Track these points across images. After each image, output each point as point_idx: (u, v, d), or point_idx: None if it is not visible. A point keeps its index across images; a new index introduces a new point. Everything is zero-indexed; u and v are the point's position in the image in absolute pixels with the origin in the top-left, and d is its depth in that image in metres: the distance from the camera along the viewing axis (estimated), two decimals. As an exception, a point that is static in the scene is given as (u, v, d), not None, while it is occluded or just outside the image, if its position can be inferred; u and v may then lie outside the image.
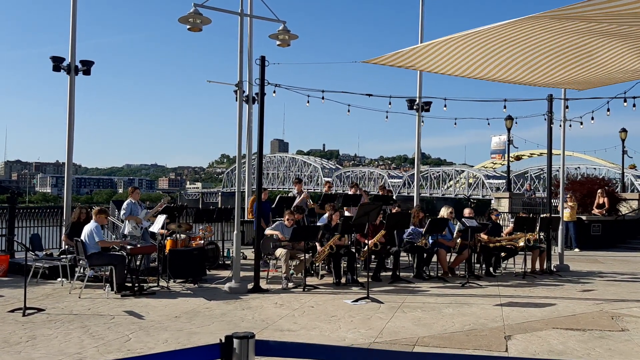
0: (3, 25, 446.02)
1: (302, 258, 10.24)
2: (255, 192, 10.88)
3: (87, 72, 12.81)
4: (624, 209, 20.20)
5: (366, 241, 10.76)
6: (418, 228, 11.47)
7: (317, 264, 11.07)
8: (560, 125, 13.04)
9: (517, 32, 7.19)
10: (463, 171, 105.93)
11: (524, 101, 13.06)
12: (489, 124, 15.41)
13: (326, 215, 11.66)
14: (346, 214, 12.44)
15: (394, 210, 12.29)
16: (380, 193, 14.97)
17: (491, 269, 11.85)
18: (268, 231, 10.69)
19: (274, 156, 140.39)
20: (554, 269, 12.38)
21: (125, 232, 11.08)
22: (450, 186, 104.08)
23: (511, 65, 8.33)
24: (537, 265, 12.21)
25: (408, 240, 11.34)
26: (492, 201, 26.76)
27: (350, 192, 13.73)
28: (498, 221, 12.77)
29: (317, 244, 10.69)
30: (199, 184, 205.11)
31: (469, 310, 8.32)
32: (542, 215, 13.21)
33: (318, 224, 11.54)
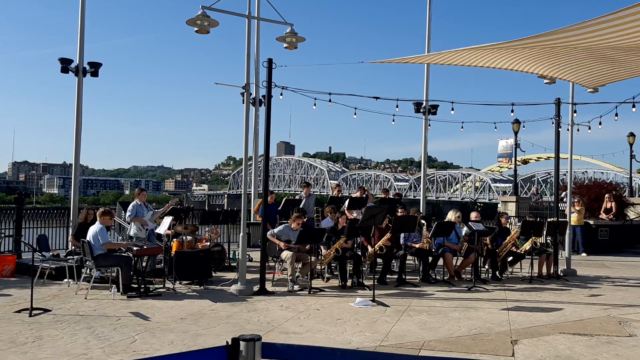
0: (11, 26, 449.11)
1: (308, 261, 10.23)
2: (262, 195, 10.87)
3: (95, 74, 12.88)
4: (631, 213, 20.08)
5: (369, 245, 10.75)
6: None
7: (322, 267, 11.06)
8: (568, 129, 12.99)
9: (522, 44, 7.20)
10: (470, 175, 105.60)
11: (531, 105, 13.04)
12: (496, 127, 15.33)
13: (328, 218, 11.68)
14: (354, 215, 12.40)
15: (399, 214, 12.26)
16: (384, 196, 14.90)
17: (498, 273, 11.80)
18: (270, 237, 10.59)
19: (280, 159, 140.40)
20: (561, 274, 12.32)
21: (131, 233, 11.10)
22: (457, 190, 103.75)
23: (519, 55, 8.30)
24: (544, 270, 12.16)
25: (403, 243, 11.38)
26: (499, 205, 26.66)
27: (355, 195, 13.68)
28: (507, 225, 12.72)
29: (322, 246, 10.68)
30: (205, 186, 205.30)
31: (475, 314, 8.29)
32: (549, 220, 13.15)
33: (322, 226, 11.55)
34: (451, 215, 12.03)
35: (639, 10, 5.22)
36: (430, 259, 11.35)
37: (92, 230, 9.53)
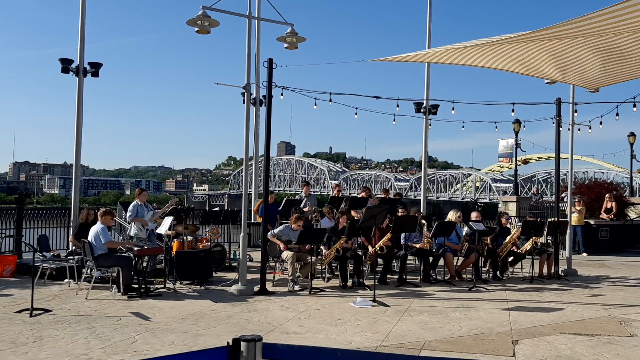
0: (11, 26, 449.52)
1: (308, 261, 10.23)
2: (263, 195, 10.87)
3: (95, 74, 12.88)
4: (632, 213, 20.07)
5: (370, 245, 10.74)
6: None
7: (323, 267, 11.06)
8: (569, 129, 12.97)
9: (525, 37, 7.19)
10: (470, 174, 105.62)
11: (532, 105, 13.03)
12: (496, 127, 15.33)
13: (326, 218, 11.69)
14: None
15: (400, 214, 12.26)
16: (384, 196, 14.93)
17: (498, 273, 11.80)
18: (270, 237, 10.56)
19: (281, 159, 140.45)
20: (562, 274, 12.30)
21: (132, 234, 11.11)
22: (457, 189, 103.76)
23: (520, 57, 8.29)
24: (545, 270, 12.15)
25: (404, 243, 11.40)
26: (500, 205, 26.66)
27: (359, 196, 13.70)
28: (507, 225, 12.70)
29: (323, 247, 10.68)
30: (205, 186, 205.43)
31: (476, 315, 8.28)
32: (550, 219, 13.15)
33: (320, 226, 11.56)
34: (452, 215, 12.03)
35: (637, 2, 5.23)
36: (430, 259, 11.34)
37: (94, 230, 9.53)
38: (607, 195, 19.20)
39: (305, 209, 13.12)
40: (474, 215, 12.22)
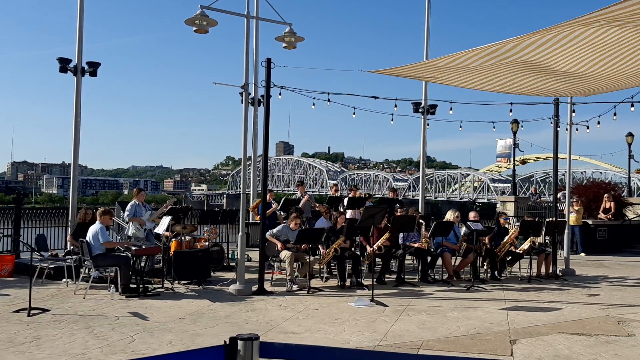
0: (10, 26, 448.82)
1: (306, 261, 10.23)
2: (261, 195, 10.87)
3: (93, 74, 12.88)
4: (630, 213, 20.09)
5: (368, 245, 10.74)
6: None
7: (321, 267, 11.06)
8: (567, 129, 12.98)
9: (522, 45, 7.22)
10: (468, 174, 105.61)
11: (530, 105, 13.05)
12: (494, 127, 15.33)
13: (322, 218, 11.72)
14: (348, 215, 12.47)
15: (398, 213, 12.27)
16: (391, 195, 15.11)
17: (496, 272, 11.81)
18: (269, 237, 10.56)
19: (279, 158, 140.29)
20: (560, 273, 12.32)
21: (129, 233, 11.10)
22: (456, 189, 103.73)
23: (517, 76, 8.34)
24: (543, 270, 12.17)
25: (402, 243, 11.41)
26: (498, 205, 26.68)
27: (350, 195, 13.75)
28: (505, 225, 12.72)
29: (321, 246, 10.67)
30: (204, 186, 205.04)
31: (474, 314, 8.29)
32: (548, 219, 13.15)
33: (316, 226, 11.56)
34: (450, 215, 12.03)
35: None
36: (429, 258, 11.35)
37: (92, 229, 9.52)
38: (605, 195, 19.22)
39: (304, 199, 13.35)
40: (472, 215, 12.23)
